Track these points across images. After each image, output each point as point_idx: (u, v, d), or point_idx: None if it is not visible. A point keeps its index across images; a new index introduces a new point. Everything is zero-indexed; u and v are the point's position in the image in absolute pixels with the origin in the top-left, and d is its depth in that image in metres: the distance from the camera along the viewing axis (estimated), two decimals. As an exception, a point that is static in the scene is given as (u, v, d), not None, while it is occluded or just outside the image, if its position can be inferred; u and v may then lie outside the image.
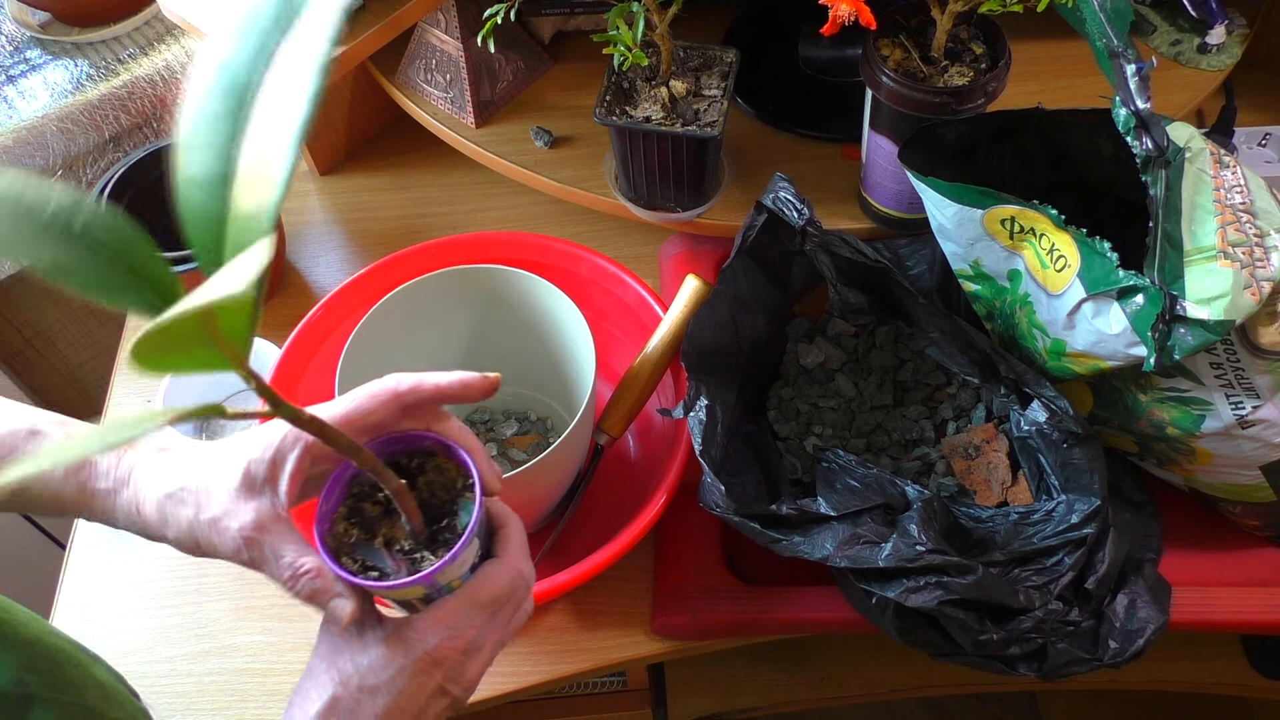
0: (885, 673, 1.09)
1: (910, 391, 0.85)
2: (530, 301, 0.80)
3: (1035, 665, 0.70)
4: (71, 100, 1.03)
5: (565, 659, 0.78)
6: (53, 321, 1.20)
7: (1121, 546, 0.73)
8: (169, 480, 0.52)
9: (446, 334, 0.83)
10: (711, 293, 0.79)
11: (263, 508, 0.49)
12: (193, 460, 0.52)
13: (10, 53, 1.06)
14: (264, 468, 0.50)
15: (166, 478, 0.52)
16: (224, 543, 0.49)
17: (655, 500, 0.73)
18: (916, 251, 0.87)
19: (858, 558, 0.69)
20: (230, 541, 0.49)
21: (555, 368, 0.84)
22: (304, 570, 0.48)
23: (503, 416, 0.89)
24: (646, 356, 0.79)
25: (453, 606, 0.51)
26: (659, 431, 0.84)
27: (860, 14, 0.68)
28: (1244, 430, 0.68)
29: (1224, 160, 0.68)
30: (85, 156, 1.06)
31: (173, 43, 1.07)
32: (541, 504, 0.78)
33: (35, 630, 0.45)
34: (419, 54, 0.99)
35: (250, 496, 0.50)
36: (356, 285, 0.85)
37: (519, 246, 0.87)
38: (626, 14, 0.77)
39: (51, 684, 0.42)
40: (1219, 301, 0.61)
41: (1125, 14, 0.67)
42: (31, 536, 1.28)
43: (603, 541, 0.73)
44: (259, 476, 0.50)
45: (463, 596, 0.51)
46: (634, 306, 0.85)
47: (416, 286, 0.78)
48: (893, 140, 0.81)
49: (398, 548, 0.50)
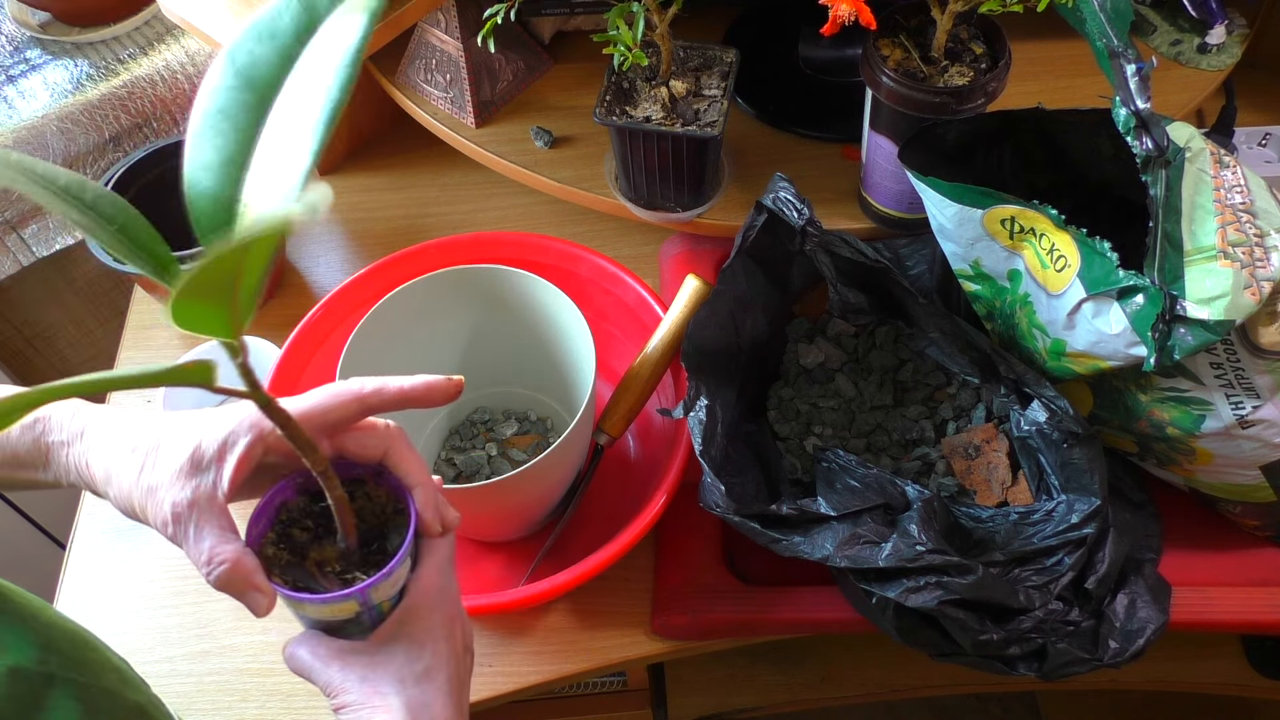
0: (885, 673, 1.09)
1: (910, 391, 0.85)
2: (530, 301, 0.80)
3: (1035, 665, 0.70)
4: (71, 100, 1.03)
5: (565, 659, 0.78)
6: (53, 321, 1.20)
7: (1121, 546, 0.73)
8: (121, 440, 0.51)
9: (446, 334, 0.83)
10: (711, 293, 0.79)
11: (201, 488, 0.49)
12: (147, 424, 0.52)
13: (10, 53, 1.06)
14: (215, 446, 0.50)
15: (118, 436, 0.52)
16: (155, 514, 0.49)
17: (655, 500, 0.73)
18: (916, 251, 0.87)
19: (858, 558, 0.69)
20: (160, 514, 0.49)
21: (555, 368, 0.84)
22: (220, 558, 0.48)
23: (503, 416, 0.89)
24: (646, 356, 0.79)
25: (429, 570, 0.53)
26: (659, 431, 0.84)
27: (860, 14, 0.68)
28: (1244, 430, 0.68)
29: (1224, 160, 0.68)
30: (85, 156, 1.06)
31: (173, 43, 1.07)
32: (541, 504, 0.78)
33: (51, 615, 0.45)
34: (419, 54, 0.99)
35: (193, 474, 0.49)
36: (356, 285, 0.85)
37: (519, 246, 0.87)
38: (626, 14, 0.77)
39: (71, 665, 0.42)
40: (1219, 301, 0.61)
41: (1125, 14, 0.67)
42: (31, 536, 1.29)
43: (603, 541, 0.73)
44: (208, 454, 0.50)
45: (429, 562, 0.53)
46: (634, 306, 0.85)
47: (416, 286, 0.78)
48: (893, 140, 0.81)
49: (329, 569, 0.51)
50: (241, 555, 0.48)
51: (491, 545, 0.83)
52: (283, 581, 0.50)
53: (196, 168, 0.37)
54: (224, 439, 0.50)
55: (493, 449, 0.86)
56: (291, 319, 0.83)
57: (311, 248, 1.03)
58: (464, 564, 0.81)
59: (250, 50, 0.37)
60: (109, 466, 0.51)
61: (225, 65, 0.37)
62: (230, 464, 0.50)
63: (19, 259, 1.08)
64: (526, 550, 0.82)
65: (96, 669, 0.44)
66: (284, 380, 0.80)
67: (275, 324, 0.92)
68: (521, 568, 0.81)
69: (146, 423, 0.52)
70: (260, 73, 0.37)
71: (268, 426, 0.50)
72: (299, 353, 0.82)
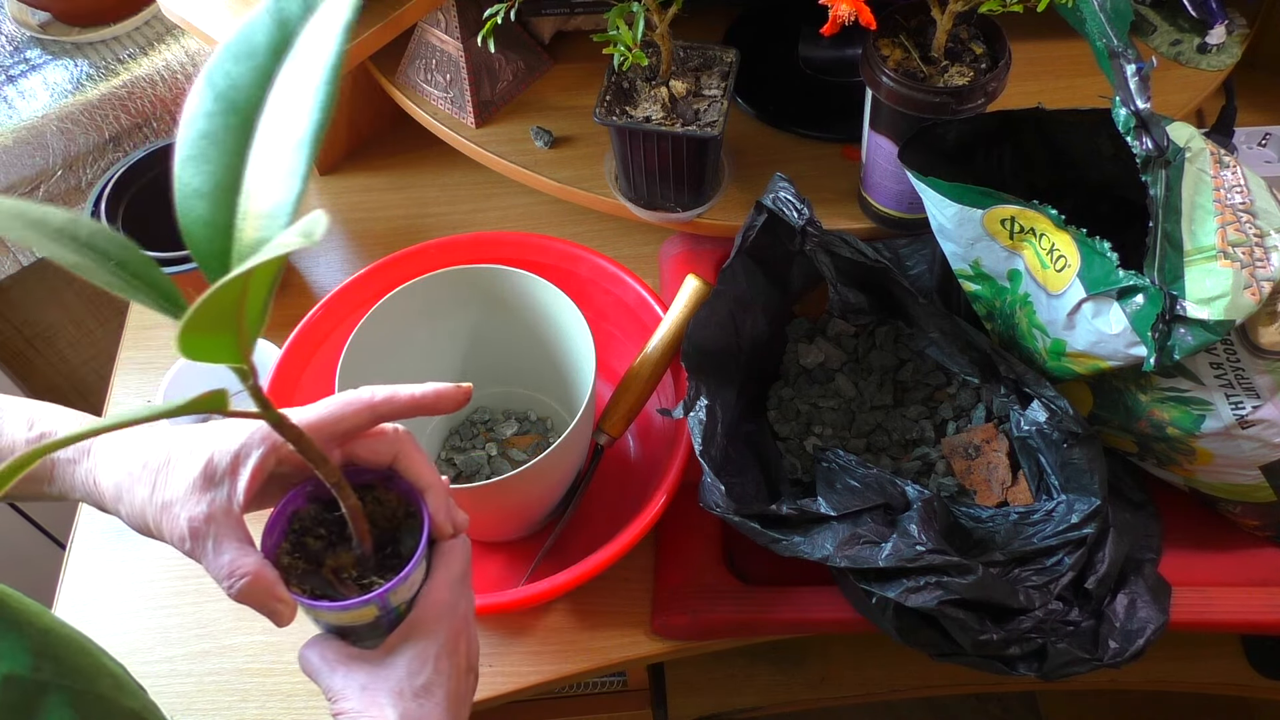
0: (885, 673, 1.09)
1: (910, 391, 0.85)
2: (530, 302, 0.80)
3: (1035, 665, 0.70)
4: (71, 100, 1.03)
5: (565, 659, 0.78)
6: (53, 321, 1.20)
7: (1121, 546, 0.73)
8: (130, 456, 0.51)
9: (447, 334, 0.83)
10: (711, 293, 0.79)
11: (216, 501, 0.49)
12: (156, 439, 0.52)
13: (10, 53, 1.06)
14: (228, 459, 0.50)
15: (128, 453, 0.52)
16: (171, 530, 0.50)
17: (655, 500, 0.73)
18: (916, 251, 0.87)
19: (858, 558, 0.69)
20: (177, 530, 0.49)
21: (555, 368, 0.84)
22: (241, 571, 0.48)
23: (503, 416, 0.89)
24: (647, 356, 0.79)
25: (439, 584, 0.52)
26: (659, 431, 0.84)
27: (860, 14, 0.68)
28: (1244, 430, 0.68)
29: (1224, 160, 0.68)
30: (85, 156, 1.06)
31: (173, 43, 1.07)
32: (542, 504, 0.78)
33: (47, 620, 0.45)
34: (419, 54, 0.99)
35: (207, 488, 0.50)
36: (356, 285, 0.85)
37: (519, 246, 0.87)
38: (626, 14, 0.77)
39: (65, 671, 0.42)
40: (1219, 301, 0.61)
41: (1125, 14, 0.67)
42: (31, 536, 1.29)
43: (603, 541, 0.73)
44: (221, 467, 0.50)
45: (440, 575, 0.53)
46: (634, 306, 0.85)
47: (416, 286, 0.78)
48: (893, 140, 0.81)
49: (345, 575, 0.51)
50: (262, 567, 0.49)
51: (492, 545, 0.83)
52: (300, 590, 0.50)
53: (188, 194, 0.37)
54: (236, 452, 0.50)
55: (493, 449, 0.86)
56: (292, 319, 0.83)
57: (311, 248, 1.03)
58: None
59: (228, 72, 0.37)
60: (119, 483, 0.51)
61: (205, 89, 0.37)
62: (244, 477, 0.50)
63: (19, 259, 1.08)
64: (526, 550, 0.82)
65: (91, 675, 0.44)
66: (284, 380, 0.80)
67: (275, 324, 0.92)
68: (521, 567, 0.81)
69: (155, 438, 0.52)
70: (240, 95, 0.37)
71: (279, 438, 0.50)
72: (299, 353, 0.82)
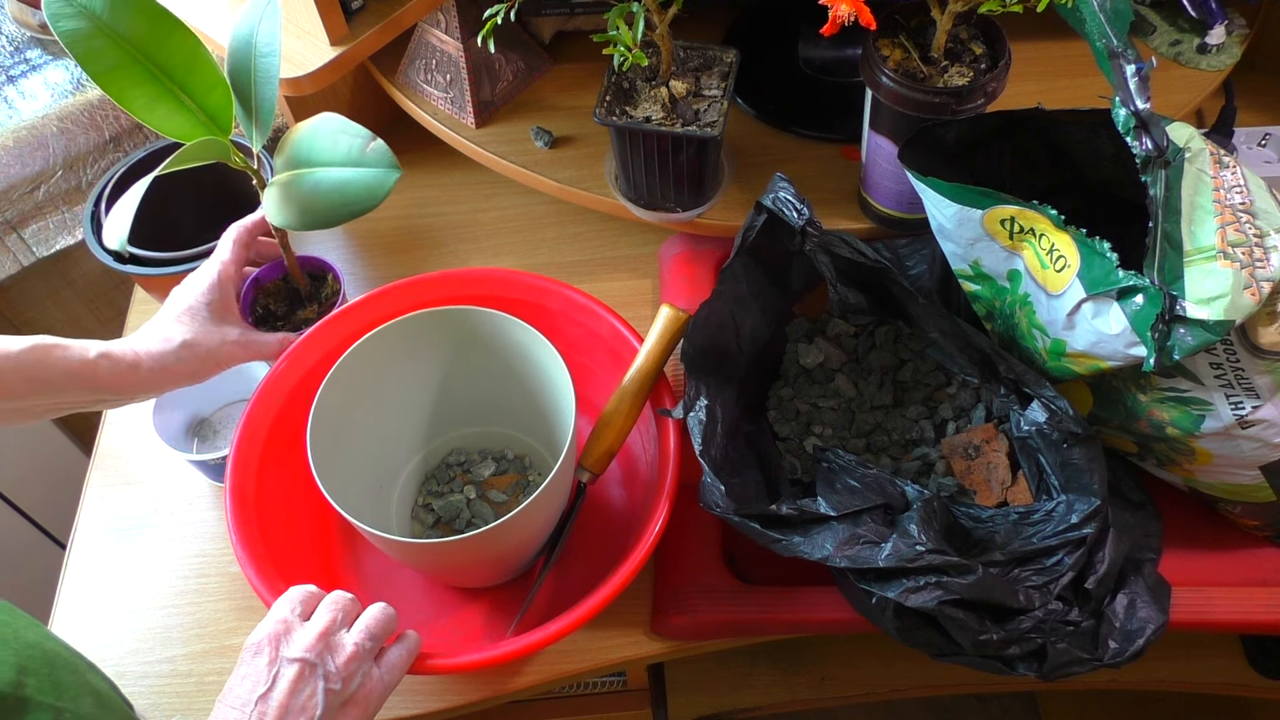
0: (885, 673, 1.09)
1: (910, 391, 0.85)
2: (504, 340, 0.77)
3: (1035, 665, 0.70)
4: (71, 100, 1.03)
5: (565, 659, 0.78)
6: (53, 321, 1.20)
7: (1121, 546, 0.73)
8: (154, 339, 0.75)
9: (418, 377, 0.81)
10: (711, 294, 0.79)
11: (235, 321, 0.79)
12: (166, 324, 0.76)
13: (10, 53, 1.07)
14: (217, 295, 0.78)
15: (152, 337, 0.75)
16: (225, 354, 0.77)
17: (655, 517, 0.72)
18: (916, 251, 0.87)
19: (858, 558, 0.69)
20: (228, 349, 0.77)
21: (530, 405, 0.81)
22: (284, 338, 0.80)
23: (479, 457, 0.86)
24: (624, 390, 0.77)
25: None
26: (640, 459, 0.82)
27: (860, 14, 0.68)
28: (1244, 430, 0.68)
29: (1224, 160, 0.68)
30: (85, 156, 1.06)
31: (173, 43, 1.07)
32: (528, 548, 0.76)
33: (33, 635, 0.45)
34: (419, 54, 0.99)
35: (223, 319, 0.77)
36: (320, 333, 0.81)
37: (487, 282, 0.84)
38: (626, 14, 0.77)
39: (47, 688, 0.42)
40: (1219, 301, 0.61)
41: (1125, 14, 0.67)
42: (32, 536, 1.29)
43: (592, 578, 0.71)
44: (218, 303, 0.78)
45: None
46: (608, 338, 0.82)
47: (385, 332, 0.76)
48: (893, 140, 0.81)
49: None
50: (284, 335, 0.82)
51: (473, 592, 0.80)
52: None
53: None
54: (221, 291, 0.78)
55: (471, 491, 0.84)
56: (291, 319, 0.83)
57: (313, 249, 1.03)
58: (445, 614, 0.79)
59: None
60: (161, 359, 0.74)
61: None
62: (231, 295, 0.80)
63: (19, 259, 1.08)
64: (511, 594, 0.79)
65: (74, 693, 0.44)
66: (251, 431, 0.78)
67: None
68: (507, 612, 0.78)
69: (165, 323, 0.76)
70: None
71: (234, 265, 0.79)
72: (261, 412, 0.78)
